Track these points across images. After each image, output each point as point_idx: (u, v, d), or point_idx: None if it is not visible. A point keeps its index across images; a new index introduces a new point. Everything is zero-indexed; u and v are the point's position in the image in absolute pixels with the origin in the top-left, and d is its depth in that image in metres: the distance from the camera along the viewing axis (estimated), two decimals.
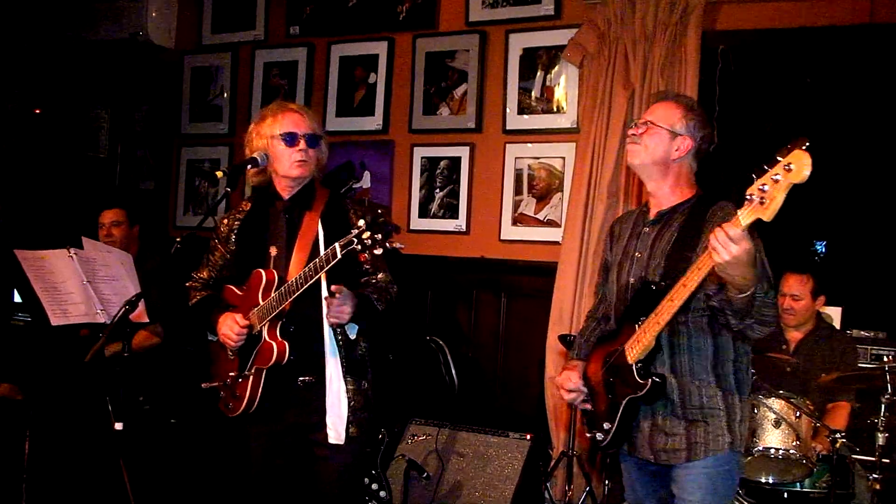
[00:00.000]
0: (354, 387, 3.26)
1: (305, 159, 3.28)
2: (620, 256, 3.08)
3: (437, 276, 5.53)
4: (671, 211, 2.98)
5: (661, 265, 2.89)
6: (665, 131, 2.93)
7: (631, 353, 2.85)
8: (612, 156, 4.88)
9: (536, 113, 5.33)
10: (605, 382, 2.98)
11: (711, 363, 2.87)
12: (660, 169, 2.95)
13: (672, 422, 2.87)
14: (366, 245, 2.80)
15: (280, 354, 3.17)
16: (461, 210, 5.52)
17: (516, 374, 5.33)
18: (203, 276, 3.49)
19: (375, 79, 5.81)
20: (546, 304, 5.05)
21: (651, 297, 2.81)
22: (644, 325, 2.80)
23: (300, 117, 3.31)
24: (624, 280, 3.02)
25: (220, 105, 6.44)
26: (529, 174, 5.33)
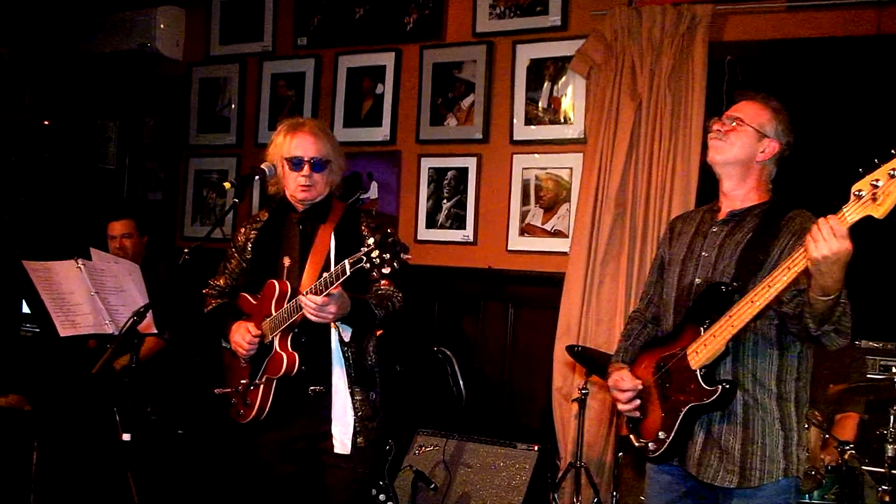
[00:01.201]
0: (362, 397, 3.28)
1: (309, 184, 3.32)
2: (683, 255, 2.97)
3: (445, 287, 5.53)
4: (744, 212, 2.90)
5: (732, 266, 2.80)
6: (753, 130, 2.87)
7: (695, 358, 2.74)
8: (619, 166, 4.88)
9: (543, 123, 5.33)
10: (660, 388, 2.86)
11: (776, 376, 2.77)
12: (742, 169, 2.89)
13: (728, 435, 2.76)
14: (374, 264, 2.82)
15: (290, 366, 3.20)
16: (468, 220, 5.52)
17: (523, 384, 5.32)
18: (220, 284, 3.55)
19: (383, 90, 5.83)
20: (553, 314, 5.04)
21: (720, 299, 2.72)
22: (714, 328, 2.70)
23: (310, 140, 3.33)
24: (688, 280, 2.92)
25: (228, 116, 6.46)
26: (537, 185, 5.33)
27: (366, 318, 3.22)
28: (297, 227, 3.39)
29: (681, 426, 2.78)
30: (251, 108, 6.37)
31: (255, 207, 6.12)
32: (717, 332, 2.68)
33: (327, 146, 3.36)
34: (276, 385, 3.26)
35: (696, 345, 2.74)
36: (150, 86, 6.75)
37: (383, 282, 3.33)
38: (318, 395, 3.26)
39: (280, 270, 3.34)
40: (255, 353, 3.30)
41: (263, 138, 6.24)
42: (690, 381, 2.75)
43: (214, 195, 6.47)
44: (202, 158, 6.57)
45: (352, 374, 3.26)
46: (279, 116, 6.18)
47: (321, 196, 3.38)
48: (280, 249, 3.38)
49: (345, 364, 3.26)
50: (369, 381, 3.34)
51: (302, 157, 3.31)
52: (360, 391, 3.28)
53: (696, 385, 2.73)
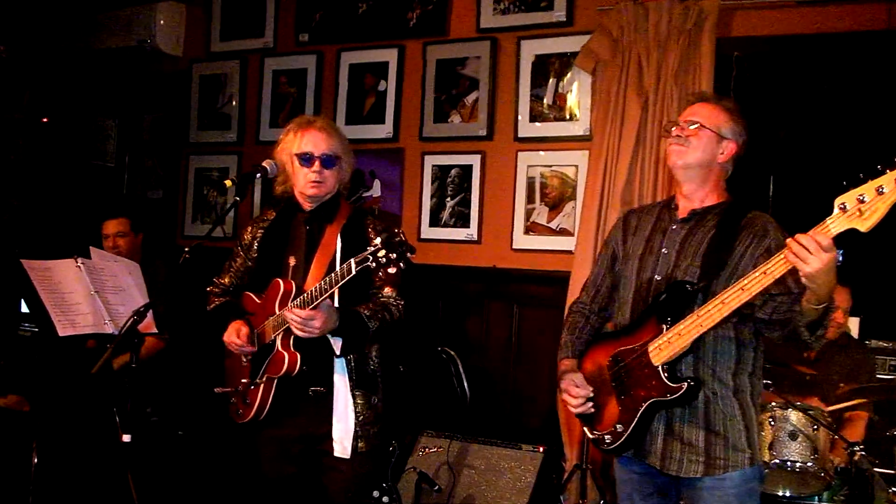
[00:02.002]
0: (364, 401, 3.29)
1: (320, 180, 3.33)
2: (641, 250, 3.02)
3: (448, 286, 5.53)
4: (704, 212, 2.96)
5: (696, 266, 2.85)
6: (713, 133, 2.93)
7: (658, 355, 2.79)
8: (625, 163, 4.87)
9: (548, 120, 5.32)
10: (616, 382, 2.92)
11: (732, 372, 2.85)
12: (703, 171, 2.95)
13: (690, 429, 2.83)
14: (380, 263, 2.84)
15: (291, 365, 3.21)
16: (472, 219, 5.52)
17: (528, 385, 5.32)
18: (224, 283, 3.57)
19: (385, 86, 5.82)
20: (559, 314, 4.97)
21: (684, 298, 2.78)
22: (679, 326, 2.75)
23: (321, 137, 3.35)
24: (646, 275, 2.97)
25: (229, 113, 6.46)
26: (542, 182, 5.33)
27: (357, 331, 3.22)
28: (304, 227, 3.40)
29: (640, 420, 2.84)
30: (252, 105, 6.37)
31: (256, 206, 6.12)
32: (684, 330, 2.74)
33: (338, 143, 3.38)
34: (276, 385, 3.27)
35: (659, 341, 2.80)
36: (150, 83, 6.75)
37: (386, 289, 3.33)
38: (318, 395, 3.26)
39: (285, 270, 3.35)
40: (257, 352, 3.31)
41: (265, 136, 6.24)
42: (652, 376, 2.81)
43: (215, 193, 6.48)
44: (203, 156, 6.57)
45: (353, 377, 3.27)
46: (280, 114, 6.19)
47: (330, 194, 3.39)
48: (286, 249, 3.39)
49: (346, 367, 3.27)
50: (371, 385, 3.34)
51: (312, 153, 3.32)
52: (361, 395, 3.29)
53: (658, 381, 2.80)
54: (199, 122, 6.60)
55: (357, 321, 3.21)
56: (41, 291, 3.83)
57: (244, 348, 3.32)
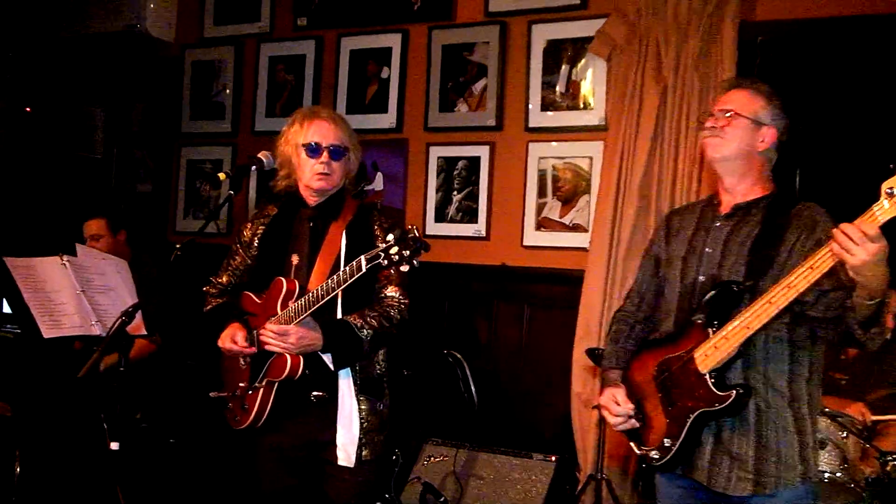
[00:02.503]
0: (368, 407, 3.29)
1: (327, 172, 3.33)
2: (685, 251, 3.00)
3: (455, 285, 5.53)
4: (749, 206, 2.93)
5: (741, 264, 2.82)
6: (749, 121, 2.90)
7: (704, 361, 2.75)
8: (642, 155, 4.87)
9: (561, 109, 5.32)
10: (663, 393, 2.88)
11: (787, 378, 2.80)
12: (742, 163, 2.92)
13: (740, 441, 2.78)
14: (392, 261, 2.85)
15: (293, 368, 3.20)
16: (480, 214, 5.52)
17: (540, 390, 5.31)
18: (222, 282, 3.57)
19: (388, 74, 5.82)
20: (572, 314, 5.04)
21: (730, 299, 2.75)
22: (725, 330, 2.72)
23: (328, 127, 3.35)
24: (690, 278, 2.93)
25: (223, 102, 6.47)
26: (554, 175, 5.33)
27: (347, 344, 3.20)
28: (308, 224, 3.40)
29: (688, 433, 2.79)
30: (248, 93, 6.37)
31: (251, 200, 6.12)
32: (730, 334, 2.71)
33: (346, 134, 3.39)
34: (276, 389, 3.27)
35: (705, 347, 2.76)
36: (140, 70, 6.76)
37: (390, 288, 3.32)
38: (321, 401, 3.26)
39: (287, 268, 3.35)
40: (257, 354, 3.31)
41: (261, 126, 6.25)
42: (699, 385, 2.77)
43: (208, 187, 6.49)
44: (195, 147, 6.58)
45: (358, 382, 3.27)
46: (277, 103, 6.20)
47: (336, 188, 3.40)
48: (288, 246, 3.40)
49: (351, 371, 3.27)
50: (377, 390, 3.35)
51: (320, 143, 3.32)
52: (365, 400, 3.29)
53: (705, 390, 2.75)
54: (191, 111, 6.61)
55: (346, 333, 3.20)
56: (24, 291, 3.83)
57: (243, 351, 3.32)
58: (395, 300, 3.31)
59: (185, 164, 6.61)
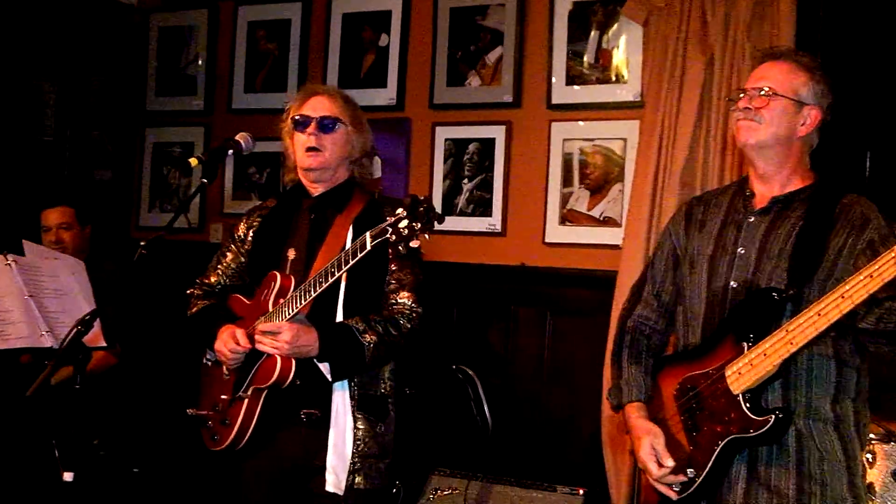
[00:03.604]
0: (367, 427, 3.31)
1: (316, 146, 3.38)
2: (711, 251, 3.00)
3: (466, 289, 5.52)
4: (788, 199, 2.92)
5: (783, 268, 2.82)
6: (788, 101, 2.89)
7: (738, 381, 2.74)
8: (685, 136, 4.85)
9: (590, 83, 5.31)
10: (687, 416, 2.89)
11: (832, 399, 2.80)
12: (781, 149, 2.92)
13: (779, 473, 2.78)
14: (402, 236, 2.86)
15: (283, 373, 3.21)
16: (495, 206, 5.51)
17: (565, 411, 5.31)
18: (209, 282, 3.62)
19: (388, 41, 5.82)
20: (603, 323, 5.00)
21: (770, 309, 2.74)
22: (763, 345, 2.70)
23: (323, 101, 3.45)
24: (720, 283, 2.93)
25: (195, 75, 6.48)
26: (581, 160, 5.32)
27: (347, 350, 3.21)
28: (308, 216, 3.46)
29: (716, 463, 2.79)
30: (223, 64, 6.38)
31: (227, 189, 6.12)
32: (770, 350, 2.69)
33: (342, 107, 3.45)
34: (263, 402, 3.28)
35: (739, 364, 2.75)
36: (97, 38, 6.74)
37: (402, 293, 3.34)
38: (313, 420, 3.28)
39: (283, 264, 3.40)
40: (244, 362, 3.33)
41: (239, 103, 6.24)
42: (730, 408, 2.76)
43: (178, 174, 6.49)
44: (162, 128, 6.58)
45: (355, 396, 3.29)
46: (258, 75, 6.19)
47: (332, 170, 3.44)
48: (285, 240, 3.45)
49: (347, 385, 3.29)
50: (378, 410, 3.36)
51: (309, 115, 3.41)
52: (363, 420, 3.30)
53: (738, 413, 2.74)
54: (157, 86, 6.62)
55: (346, 338, 3.21)
56: None
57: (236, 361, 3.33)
58: (406, 307, 3.33)
59: (151, 148, 6.62)
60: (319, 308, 3.22)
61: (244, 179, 6.19)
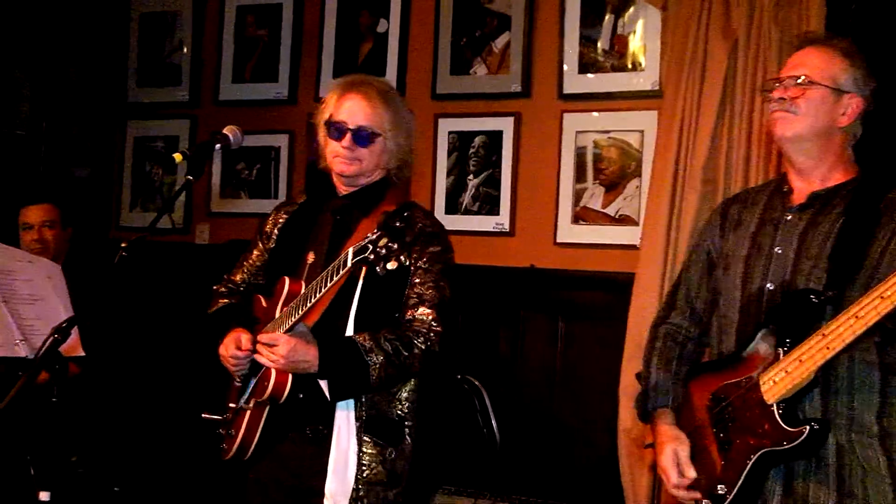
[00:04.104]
0: (375, 451, 3.27)
1: (351, 158, 3.37)
2: (747, 251, 2.99)
3: (471, 293, 5.49)
4: (828, 194, 2.92)
5: (822, 268, 2.81)
6: (826, 89, 2.89)
7: (772, 389, 2.73)
8: (707, 128, 4.85)
9: (604, 71, 5.31)
10: (719, 428, 2.89)
11: (877, 409, 2.78)
12: (820, 142, 2.91)
13: (817, 490, 2.76)
14: (379, 255, 2.85)
15: (277, 388, 3.20)
16: (503, 203, 5.52)
17: (578, 423, 5.31)
18: (234, 280, 3.67)
19: (387, 27, 5.83)
20: (619, 329, 5.01)
21: (808, 312, 2.73)
22: (799, 350, 2.70)
23: (361, 104, 3.40)
24: (756, 285, 2.93)
25: (179, 64, 6.49)
26: (595, 154, 5.32)
27: (347, 367, 3.17)
28: (333, 217, 3.46)
29: (748, 478, 2.78)
30: (210, 52, 6.39)
31: (215, 187, 6.12)
32: (805, 355, 2.69)
33: (382, 114, 3.41)
34: (267, 415, 3.28)
35: (773, 371, 2.75)
36: (75, 25, 6.74)
37: (421, 309, 3.30)
38: (319, 436, 3.26)
39: (301, 268, 3.40)
40: (251, 369, 3.35)
41: (226, 94, 6.24)
42: (764, 419, 2.75)
43: (161, 170, 6.50)
44: (144, 121, 6.59)
45: (363, 416, 3.24)
46: (248, 64, 6.19)
47: (367, 175, 3.43)
48: (306, 242, 3.46)
49: (354, 403, 3.25)
50: (391, 434, 3.31)
51: (344, 124, 3.37)
52: (370, 443, 3.26)
53: (771, 425, 2.73)
54: (139, 76, 6.62)
55: (349, 355, 3.16)
56: None
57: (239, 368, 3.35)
58: (423, 324, 3.28)
59: (133, 143, 6.63)
60: (328, 320, 3.20)
61: (233, 176, 6.19)
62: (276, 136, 5.99)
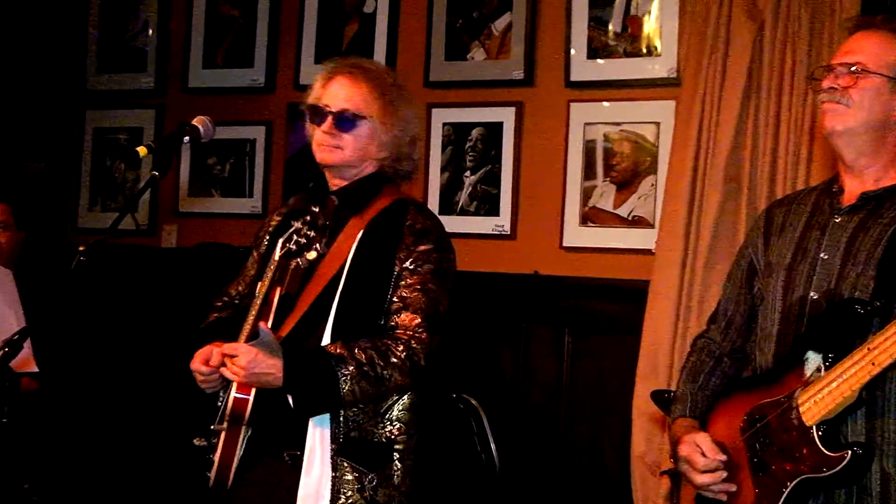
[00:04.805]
0: (353, 479, 3.23)
1: (333, 145, 3.36)
2: (790, 256, 2.98)
3: (468, 303, 5.47)
4: (883, 195, 2.90)
5: (871, 276, 2.79)
6: (883, 79, 2.86)
7: (811, 409, 2.71)
8: (730, 119, 4.85)
9: (616, 56, 5.32)
10: (754, 452, 2.87)
11: None
12: (875, 137, 2.89)
13: None
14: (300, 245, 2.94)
15: (237, 405, 3.20)
16: (503, 203, 5.53)
17: (587, 448, 5.32)
18: (230, 293, 3.67)
19: (374, 7, 5.84)
20: (632, 343, 5.03)
21: (853, 325, 2.71)
22: (841, 366, 2.67)
23: (345, 84, 3.39)
24: (798, 294, 2.91)
25: (144, 47, 6.49)
26: (606, 148, 5.33)
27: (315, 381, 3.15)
28: (321, 216, 3.46)
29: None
30: (178, 35, 6.40)
31: (183, 184, 6.11)
32: (848, 372, 2.66)
33: (371, 100, 3.39)
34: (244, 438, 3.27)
35: (813, 390, 2.72)
36: (27, 2, 6.74)
37: (404, 315, 3.27)
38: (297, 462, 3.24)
39: (285, 273, 3.38)
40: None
41: (196, 80, 6.24)
42: (801, 442, 2.73)
43: (123, 166, 6.49)
44: (105, 111, 6.60)
45: (340, 438, 3.21)
46: (220, 48, 6.18)
47: (354, 167, 3.42)
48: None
49: (330, 420, 3.22)
50: (372, 458, 3.27)
51: (326, 107, 3.37)
52: (348, 468, 3.23)
53: (810, 449, 2.71)
54: (99, 60, 6.63)
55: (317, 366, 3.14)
56: None
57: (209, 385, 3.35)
58: (406, 332, 3.24)
59: (92, 135, 6.63)
60: (303, 330, 3.19)
61: (203, 172, 6.18)
62: (251, 127, 5.99)
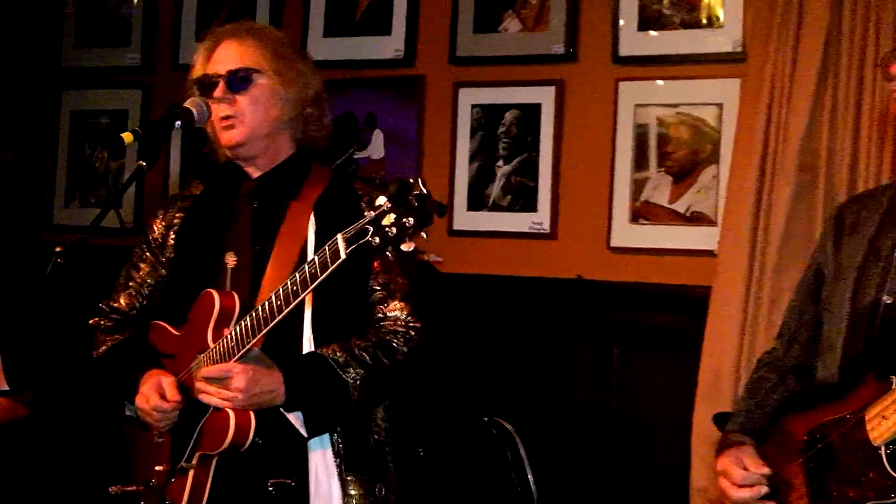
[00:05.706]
0: (363, 491, 3.30)
1: (230, 114, 3.36)
2: (862, 257, 3.01)
3: (502, 313, 5.50)
4: None
5: None
6: None
7: (878, 427, 2.73)
8: (804, 101, 4.84)
9: (672, 28, 5.32)
10: (811, 475, 2.89)
11: None
12: None
13: None
14: (388, 237, 2.77)
15: (240, 432, 3.19)
16: (541, 197, 5.52)
17: (639, 479, 5.31)
18: (119, 307, 3.61)
19: None
20: (691, 359, 5.02)
21: None
22: None
23: (231, 46, 3.42)
24: (869, 298, 2.94)
25: (128, 18, 6.52)
26: (661, 134, 5.32)
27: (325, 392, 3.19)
28: (250, 205, 3.45)
29: None
30: (167, 5, 6.42)
31: (173, 176, 6.13)
32: None
33: (258, 53, 3.41)
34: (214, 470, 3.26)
35: (882, 405, 2.74)
36: None
37: (392, 304, 3.34)
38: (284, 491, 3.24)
39: (221, 275, 3.38)
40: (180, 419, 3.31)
41: (187, 56, 6.16)
42: (867, 464, 2.76)
43: (105, 155, 6.52)
44: (84, 91, 6.64)
45: (341, 452, 3.26)
46: (215, 20, 6.16)
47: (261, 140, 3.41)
48: (222, 241, 3.44)
49: (329, 438, 3.26)
50: (374, 466, 3.35)
51: (216, 73, 3.38)
52: (356, 482, 3.29)
53: (877, 472, 2.73)
54: (76, 33, 6.66)
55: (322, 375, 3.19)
56: None
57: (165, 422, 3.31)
58: (399, 323, 3.33)
59: (69, 119, 6.66)
60: (278, 334, 3.17)
61: (196, 162, 6.18)
62: None
